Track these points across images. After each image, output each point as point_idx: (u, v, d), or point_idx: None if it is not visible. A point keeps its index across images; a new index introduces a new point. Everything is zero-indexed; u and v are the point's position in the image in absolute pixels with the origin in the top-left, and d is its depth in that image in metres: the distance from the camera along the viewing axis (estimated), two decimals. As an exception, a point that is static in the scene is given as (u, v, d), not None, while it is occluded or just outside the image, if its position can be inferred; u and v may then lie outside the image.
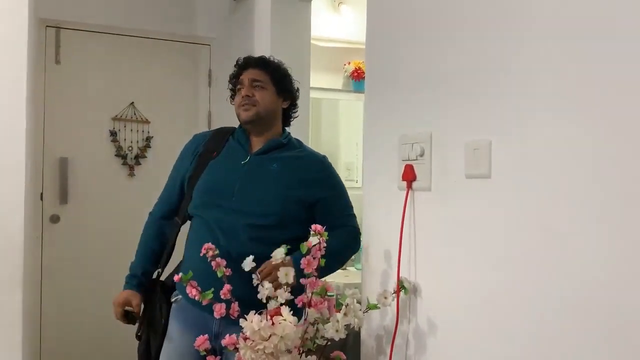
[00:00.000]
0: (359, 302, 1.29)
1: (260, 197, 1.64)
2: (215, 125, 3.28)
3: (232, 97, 1.79)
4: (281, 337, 1.19)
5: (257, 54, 2.58)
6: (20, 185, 2.17)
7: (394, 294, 1.34)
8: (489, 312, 1.15)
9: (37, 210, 2.96)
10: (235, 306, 1.33)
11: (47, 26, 3.04)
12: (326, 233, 1.33)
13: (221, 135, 1.78)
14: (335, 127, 3.67)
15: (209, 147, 1.74)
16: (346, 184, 3.62)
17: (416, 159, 1.35)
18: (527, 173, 1.06)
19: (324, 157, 1.80)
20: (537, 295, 1.04)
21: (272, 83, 1.72)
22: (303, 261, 1.29)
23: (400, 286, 1.34)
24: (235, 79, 1.78)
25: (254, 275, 1.32)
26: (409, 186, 1.37)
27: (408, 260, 1.38)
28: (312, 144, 3.36)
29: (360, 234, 1.73)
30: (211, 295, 1.30)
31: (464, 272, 1.22)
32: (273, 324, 1.20)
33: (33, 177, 2.60)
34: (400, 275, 1.36)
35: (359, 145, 3.57)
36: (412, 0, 1.41)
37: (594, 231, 0.95)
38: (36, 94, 2.73)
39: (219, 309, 1.32)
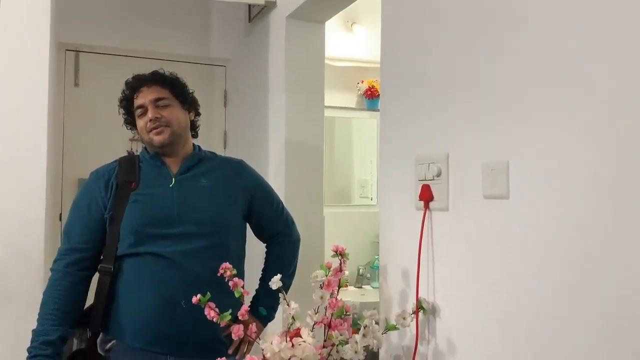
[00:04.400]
0: (377, 323, 1.29)
1: (204, 216, 1.57)
2: (232, 144, 3.32)
3: (129, 123, 1.67)
4: (301, 358, 1.19)
5: (271, 74, 2.62)
6: (40, 206, 2.21)
7: (412, 315, 1.33)
8: (509, 333, 1.14)
9: (56, 231, 2.99)
10: (253, 327, 1.34)
11: (66, 50, 3.10)
12: (347, 253, 1.35)
13: (130, 164, 1.62)
14: (349, 144, 3.69)
15: (124, 179, 1.58)
16: (360, 201, 3.61)
17: (433, 179, 1.35)
18: (545, 194, 1.06)
19: (242, 160, 1.80)
20: (556, 316, 1.04)
21: (174, 97, 1.63)
22: (324, 282, 1.29)
23: (419, 306, 1.34)
24: (127, 102, 1.65)
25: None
26: (426, 206, 1.37)
27: (426, 280, 1.38)
28: (326, 161, 3.39)
29: (294, 233, 1.83)
30: (229, 317, 1.30)
31: (483, 292, 1.22)
32: (293, 345, 1.20)
33: (52, 197, 2.64)
34: (419, 295, 1.36)
35: (373, 163, 3.58)
36: (426, 20, 1.42)
37: (613, 253, 0.94)
38: (56, 116, 2.78)
39: (237, 331, 1.32)
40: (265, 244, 1.81)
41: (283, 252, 1.79)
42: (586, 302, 0.98)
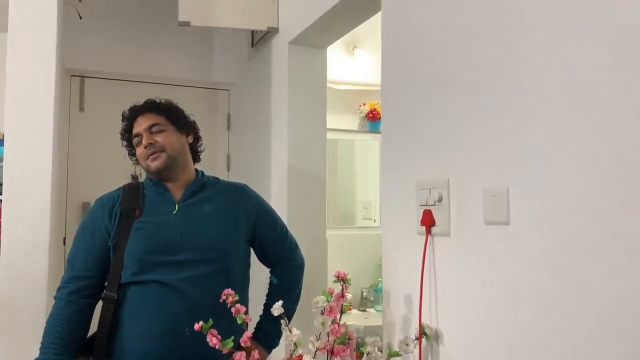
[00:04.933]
0: (380, 350, 1.29)
1: (207, 243, 1.57)
2: (235, 167, 3.34)
3: (131, 154, 1.70)
4: (304, 385, 1.18)
5: (274, 98, 2.65)
6: (45, 230, 2.22)
7: (415, 341, 1.33)
8: (512, 359, 1.14)
9: (60, 255, 3.00)
10: (255, 354, 1.33)
11: (72, 75, 3.15)
12: (349, 279, 1.35)
13: (134, 192, 1.64)
14: (352, 166, 3.71)
15: (128, 207, 1.59)
16: (364, 223, 3.61)
17: (434, 204, 1.36)
18: (546, 220, 1.07)
19: (245, 185, 1.80)
20: (558, 342, 1.03)
21: (170, 122, 1.66)
22: (326, 308, 1.29)
23: (422, 332, 1.34)
24: (127, 133, 1.68)
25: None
26: (428, 231, 1.37)
27: (429, 306, 1.37)
28: (329, 183, 3.40)
29: (298, 257, 1.80)
30: (231, 344, 1.30)
31: (485, 318, 1.21)
32: (296, 372, 1.20)
33: (56, 221, 2.65)
34: (422, 321, 1.36)
35: (376, 185, 3.59)
36: (425, 46, 1.44)
37: (613, 279, 0.94)
38: (61, 140, 2.81)
39: (239, 358, 1.32)
40: (269, 269, 1.81)
41: (287, 277, 1.78)
42: (587, 327, 0.98)
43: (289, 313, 1.42)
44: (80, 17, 2.78)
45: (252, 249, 1.76)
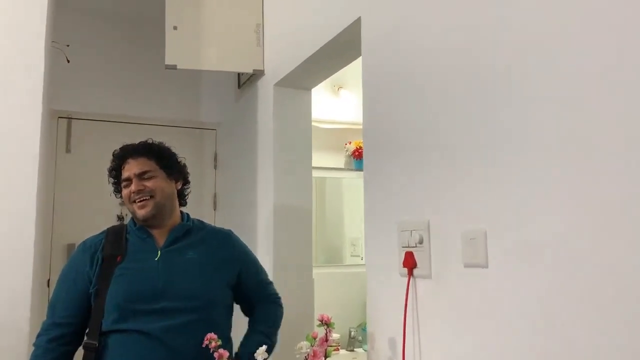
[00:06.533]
0: (364, 395, 1.27)
1: (189, 290, 1.54)
2: (221, 206, 3.34)
3: (118, 192, 1.67)
4: None
5: (260, 137, 2.68)
6: (28, 275, 2.18)
7: (399, 385, 1.32)
8: (496, 404, 1.13)
9: (44, 298, 2.95)
10: None
11: (59, 117, 3.17)
12: (333, 323, 1.35)
13: (117, 236, 1.62)
14: (339, 204, 3.72)
15: (110, 252, 1.57)
16: (351, 260, 3.58)
17: (415, 246, 1.37)
18: (523, 263, 1.08)
19: (230, 231, 1.79)
20: (542, 386, 1.03)
21: (160, 168, 1.63)
22: (310, 354, 1.29)
23: (406, 376, 1.33)
24: (115, 171, 1.65)
25: None
26: (410, 273, 1.38)
27: (413, 348, 1.37)
28: (318, 221, 3.40)
29: (281, 301, 1.77)
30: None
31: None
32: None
33: (41, 263, 2.62)
34: (405, 364, 1.35)
35: (363, 221, 3.60)
36: (404, 90, 1.48)
37: (591, 321, 0.95)
38: (46, 182, 2.81)
39: None
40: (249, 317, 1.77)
41: (269, 309, 1.76)
42: (568, 372, 0.98)
43: (270, 339, 1.42)
44: (68, 61, 2.81)
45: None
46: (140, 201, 1.59)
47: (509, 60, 1.14)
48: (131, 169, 1.62)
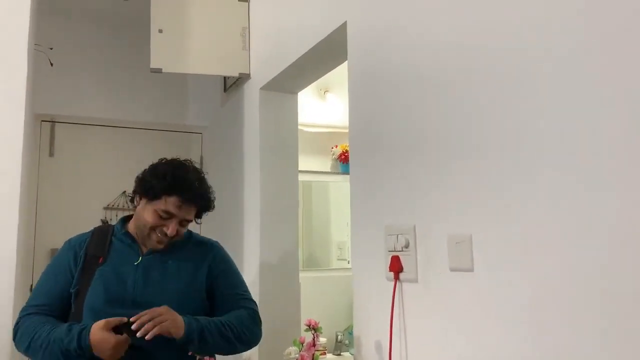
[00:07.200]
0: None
1: (164, 297, 1.53)
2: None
3: (133, 200, 1.64)
4: None
5: (246, 140, 2.67)
6: (9, 280, 2.15)
7: (386, 389, 1.32)
8: (482, 407, 1.14)
9: (26, 303, 2.91)
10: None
11: (42, 121, 3.13)
12: (320, 327, 1.34)
13: (102, 237, 1.62)
14: (326, 207, 3.72)
15: (92, 253, 1.59)
16: (338, 264, 3.57)
17: (402, 250, 1.38)
18: (508, 267, 1.09)
19: (216, 242, 1.77)
20: (527, 389, 1.04)
21: (195, 213, 1.64)
22: (298, 359, 1.28)
23: (393, 380, 1.33)
24: (153, 191, 1.58)
25: None
26: (397, 277, 1.39)
27: (399, 352, 1.37)
28: (304, 224, 3.40)
29: (259, 318, 1.66)
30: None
31: (454, 364, 1.22)
32: None
33: (23, 269, 2.58)
34: (392, 368, 1.35)
35: (349, 225, 3.60)
36: (389, 92, 1.49)
37: (572, 324, 0.96)
38: (29, 186, 2.77)
39: None
40: None
41: (242, 314, 1.65)
42: (553, 375, 0.99)
43: (229, 337, 1.43)
44: (52, 64, 2.79)
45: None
46: (164, 240, 1.59)
47: (494, 64, 1.15)
48: (179, 212, 1.58)
